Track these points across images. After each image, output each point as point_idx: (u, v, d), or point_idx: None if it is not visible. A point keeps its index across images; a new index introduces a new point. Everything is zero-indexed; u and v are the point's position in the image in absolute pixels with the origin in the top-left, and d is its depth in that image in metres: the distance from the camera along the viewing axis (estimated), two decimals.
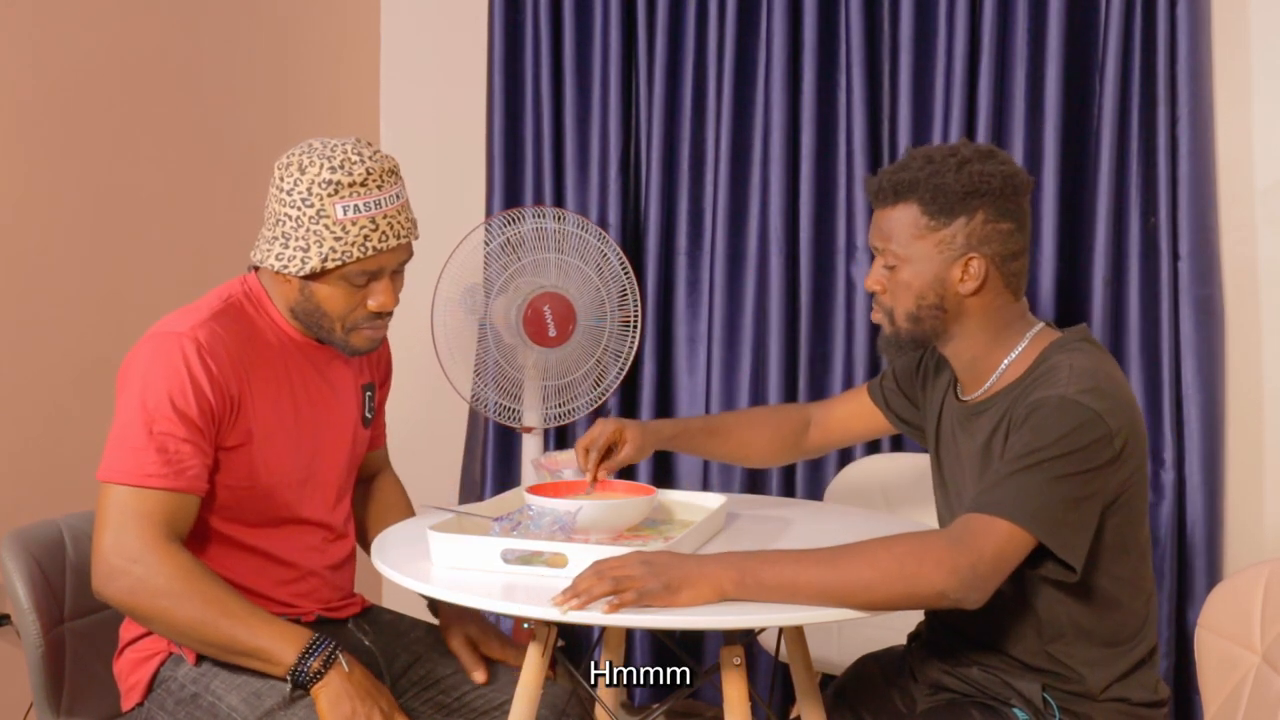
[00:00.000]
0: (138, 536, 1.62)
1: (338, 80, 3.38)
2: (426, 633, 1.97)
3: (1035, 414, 1.60)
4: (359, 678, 1.66)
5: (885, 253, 1.75)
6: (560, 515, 1.67)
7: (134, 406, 1.66)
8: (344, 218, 1.69)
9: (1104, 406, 1.59)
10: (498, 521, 1.72)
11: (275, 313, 1.82)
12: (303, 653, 1.63)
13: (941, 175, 1.70)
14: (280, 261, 1.73)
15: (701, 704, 3.11)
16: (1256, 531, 2.70)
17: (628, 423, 2.02)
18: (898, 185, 1.73)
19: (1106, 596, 1.69)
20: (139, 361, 1.69)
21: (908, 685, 1.89)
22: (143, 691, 1.76)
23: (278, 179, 1.74)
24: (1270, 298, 2.67)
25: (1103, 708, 1.69)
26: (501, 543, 1.63)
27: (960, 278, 1.72)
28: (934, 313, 1.74)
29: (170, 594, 1.61)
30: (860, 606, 1.51)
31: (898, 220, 1.73)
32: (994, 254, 1.71)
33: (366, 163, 1.71)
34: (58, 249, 2.52)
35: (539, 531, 1.67)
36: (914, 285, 1.73)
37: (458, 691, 1.89)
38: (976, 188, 1.69)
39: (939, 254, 1.71)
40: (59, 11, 2.50)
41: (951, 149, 1.74)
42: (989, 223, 1.70)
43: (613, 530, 1.75)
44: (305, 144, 1.74)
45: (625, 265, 2.91)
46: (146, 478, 1.64)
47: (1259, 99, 2.67)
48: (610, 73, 3.10)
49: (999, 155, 1.74)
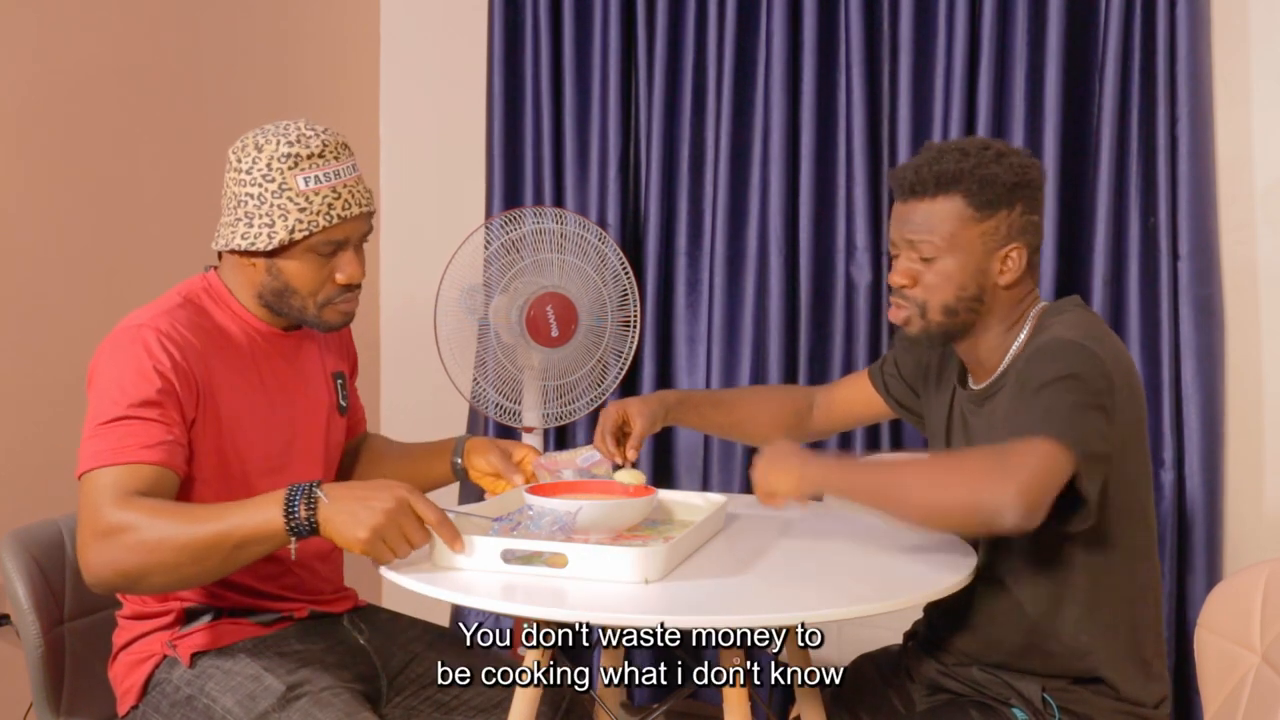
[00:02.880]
0: (110, 504, 1.57)
1: (338, 81, 3.38)
2: (424, 631, 1.97)
3: (1038, 354, 1.64)
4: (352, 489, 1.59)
5: (921, 245, 1.74)
6: (560, 515, 1.67)
7: (99, 400, 1.65)
8: (306, 189, 1.72)
9: (1102, 351, 1.62)
10: (498, 521, 1.72)
11: (238, 305, 1.82)
12: (286, 511, 1.56)
13: (986, 167, 1.71)
14: (246, 240, 1.73)
15: (701, 704, 3.11)
16: (1256, 531, 2.70)
17: (629, 401, 2.04)
18: (940, 176, 1.72)
19: (1110, 574, 1.68)
20: (101, 359, 1.70)
21: (905, 685, 1.89)
22: (137, 695, 1.76)
23: (234, 161, 1.76)
24: (1270, 298, 2.67)
25: (1102, 706, 1.69)
26: (502, 543, 1.63)
27: (1000, 269, 1.74)
28: (971, 304, 1.75)
29: (150, 540, 1.55)
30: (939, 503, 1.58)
31: (939, 212, 1.73)
32: (1028, 244, 1.75)
33: (321, 136, 1.75)
34: (57, 249, 2.52)
35: (539, 532, 1.67)
36: (956, 277, 1.74)
37: (456, 690, 1.89)
38: (1020, 179, 1.72)
39: (982, 245, 1.73)
40: (58, 13, 2.50)
41: (982, 142, 1.77)
42: (1026, 214, 1.74)
43: (612, 530, 1.75)
44: (257, 128, 1.77)
45: (625, 265, 2.91)
46: (115, 454, 1.60)
47: (1259, 99, 2.67)
48: (610, 73, 3.10)
49: (1015, 149, 1.77)
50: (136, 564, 1.56)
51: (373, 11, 3.48)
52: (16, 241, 2.42)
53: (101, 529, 1.56)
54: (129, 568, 1.56)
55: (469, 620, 3.18)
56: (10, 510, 2.28)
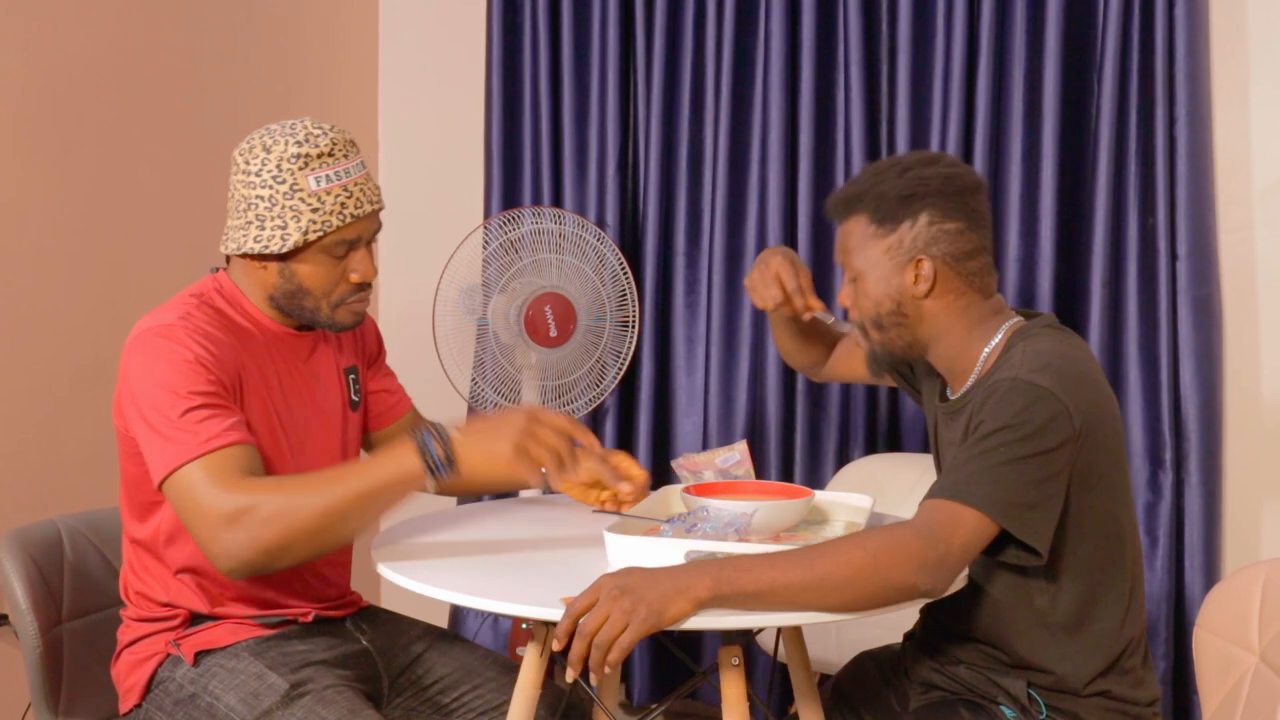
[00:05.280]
0: (221, 491, 1.56)
1: (337, 81, 3.38)
2: (424, 632, 1.97)
3: (990, 398, 1.62)
4: (475, 421, 1.60)
5: (846, 266, 1.81)
6: (736, 517, 1.69)
7: (153, 402, 1.62)
8: (318, 189, 1.70)
9: (1056, 384, 1.59)
10: (669, 523, 1.73)
11: (250, 306, 1.80)
12: (422, 453, 1.56)
13: (883, 183, 1.76)
14: (259, 244, 1.72)
15: (700, 704, 3.11)
16: (1254, 531, 2.70)
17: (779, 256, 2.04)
18: (847, 199, 1.80)
19: (1079, 579, 1.68)
20: (135, 363, 1.66)
21: (902, 684, 1.89)
22: (140, 693, 1.76)
23: (241, 164, 1.73)
24: (1268, 298, 2.68)
25: (1089, 704, 1.69)
26: (686, 544, 1.61)
27: (913, 280, 1.75)
28: (895, 319, 1.78)
29: (282, 510, 1.54)
30: (835, 608, 1.49)
31: (850, 232, 1.80)
32: (943, 254, 1.74)
33: (329, 134, 1.73)
34: (56, 249, 2.52)
35: (714, 532, 1.68)
36: (872, 293, 1.78)
37: (456, 691, 1.89)
38: (915, 190, 1.74)
39: (889, 259, 1.76)
40: (57, 13, 2.50)
41: (897, 158, 1.81)
42: (934, 224, 1.74)
43: (774, 530, 1.78)
44: (262, 129, 1.75)
45: (624, 265, 2.91)
46: (199, 445, 1.58)
47: (1257, 100, 2.67)
48: (608, 73, 3.10)
49: (944, 159, 1.79)
50: (277, 538, 1.55)
51: (371, 12, 3.48)
52: (16, 242, 2.42)
53: (227, 515, 1.55)
54: (270, 543, 1.55)
55: (468, 620, 3.18)
56: (9, 510, 2.29)
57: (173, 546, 1.75)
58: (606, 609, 1.43)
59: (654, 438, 3.10)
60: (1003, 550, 1.60)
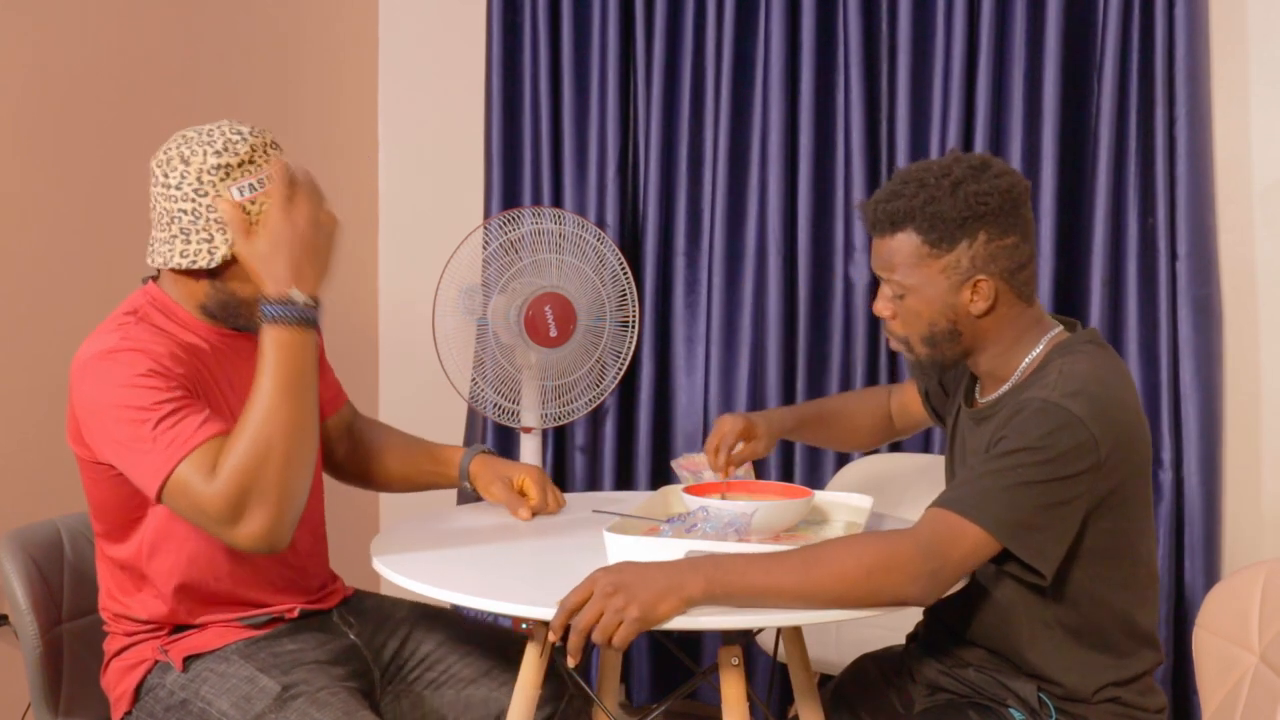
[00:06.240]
0: (211, 484, 1.55)
1: (336, 82, 3.38)
2: (410, 611, 1.96)
3: (1018, 415, 1.59)
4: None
5: (890, 281, 1.72)
6: (736, 517, 1.69)
7: (120, 419, 1.60)
8: (241, 199, 1.65)
9: (1088, 411, 1.56)
10: (669, 523, 1.73)
11: (186, 315, 1.76)
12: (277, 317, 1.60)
13: (937, 202, 1.66)
14: (186, 259, 1.68)
15: (700, 704, 3.11)
16: (1254, 531, 2.70)
17: (753, 416, 2.02)
18: (893, 215, 1.69)
19: (1093, 601, 1.67)
20: (90, 388, 1.63)
21: (906, 686, 1.89)
22: (130, 700, 1.75)
23: (160, 176, 1.69)
24: (1268, 298, 2.67)
25: (1098, 710, 1.69)
26: (685, 544, 1.61)
27: (970, 299, 1.69)
28: (948, 337, 1.72)
29: (258, 459, 1.55)
30: (826, 608, 1.50)
31: (898, 250, 1.70)
32: (1001, 270, 1.68)
33: (249, 140, 1.67)
34: (56, 249, 2.52)
35: (714, 533, 1.68)
36: (924, 314, 1.71)
37: (444, 664, 1.89)
38: (974, 211, 1.65)
39: (945, 280, 1.68)
40: (56, 13, 2.50)
41: (944, 168, 1.69)
42: (992, 241, 1.67)
43: (774, 530, 1.78)
44: (179, 135, 1.70)
45: (624, 265, 2.91)
46: (180, 446, 1.57)
47: (1256, 100, 2.67)
48: (608, 73, 3.10)
49: (994, 167, 1.69)
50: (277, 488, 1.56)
51: (371, 12, 3.48)
52: (15, 242, 2.42)
53: (229, 502, 1.54)
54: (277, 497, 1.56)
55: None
56: (9, 510, 2.28)
57: (157, 557, 1.73)
58: (600, 606, 1.44)
59: (654, 438, 3.10)
60: (1007, 561, 1.60)
